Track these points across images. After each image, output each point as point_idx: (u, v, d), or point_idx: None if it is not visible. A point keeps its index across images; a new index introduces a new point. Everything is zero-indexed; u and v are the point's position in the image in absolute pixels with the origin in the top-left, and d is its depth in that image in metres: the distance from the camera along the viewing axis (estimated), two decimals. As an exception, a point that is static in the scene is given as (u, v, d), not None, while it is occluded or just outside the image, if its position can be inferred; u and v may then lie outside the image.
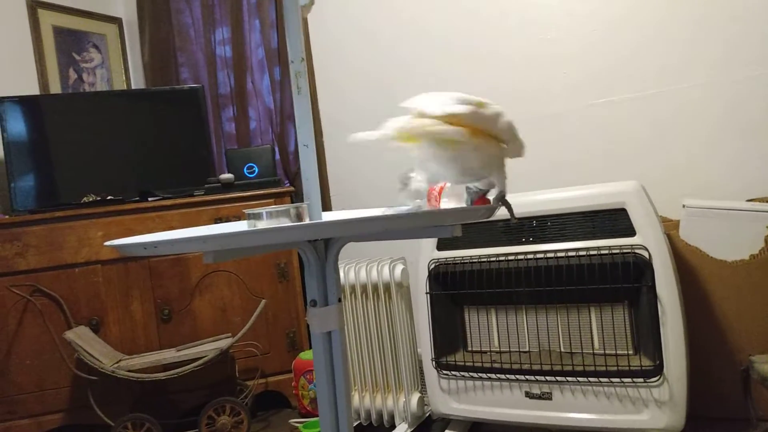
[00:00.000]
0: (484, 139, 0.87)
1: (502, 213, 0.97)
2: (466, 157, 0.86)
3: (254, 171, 2.49)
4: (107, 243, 0.79)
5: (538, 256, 1.66)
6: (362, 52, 2.48)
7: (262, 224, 0.86)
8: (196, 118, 2.60)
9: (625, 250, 1.55)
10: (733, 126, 1.85)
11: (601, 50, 2.03)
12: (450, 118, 0.83)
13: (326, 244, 0.97)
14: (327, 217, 1.02)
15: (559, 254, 1.63)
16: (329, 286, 0.97)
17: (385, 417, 1.96)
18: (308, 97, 0.94)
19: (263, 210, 0.87)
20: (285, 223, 0.86)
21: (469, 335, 1.84)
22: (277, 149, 2.77)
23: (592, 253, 1.59)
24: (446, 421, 1.90)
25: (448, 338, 1.83)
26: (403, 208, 0.89)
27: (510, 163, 0.92)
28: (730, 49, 1.85)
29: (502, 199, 0.93)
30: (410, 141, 0.86)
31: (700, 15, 1.88)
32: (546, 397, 1.65)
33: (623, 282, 1.54)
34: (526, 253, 1.68)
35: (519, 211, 1.72)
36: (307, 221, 0.89)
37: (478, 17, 2.22)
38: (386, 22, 2.41)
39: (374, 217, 0.76)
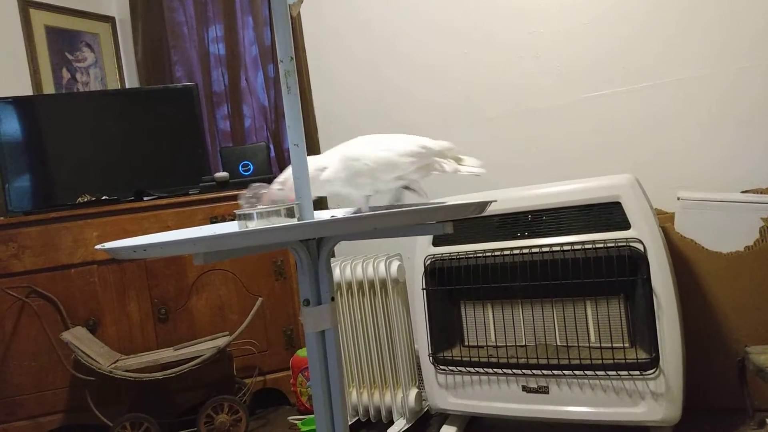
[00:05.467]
0: None
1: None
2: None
3: (249, 169, 2.49)
4: (98, 246, 0.79)
5: (534, 250, 1.66)
6: (358, 47, 2.47)
7: (252, 225, 0.85)
8: (190, 117, 2.59)
9: (620, 244, 1.55)
10: (726, 118, 1.85)
11: (594, 43, 2.02)
12: None
13: (318, 243, 0.97)
14: (319, 216, 1.01)
15: (555, 248, 1.63)
16: (322, 285, 0.97)
17: (383, 413, 1.97)
18: (298, 97, 0.93)
19: (254, 210, 0.86)
20: (276, 223, 0.85)
21: (465, 330, 1.84)
22: (272, 146, 2.76)
23: (587, 246, 1.59)
24: (444, 416, 1.91)
25: (445, 333, 1.83)
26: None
27: (504, 158, 0.92)
28: (723, 41, 1.84)
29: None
30: None
31: (693, 7, 1.87)
32: (543, 390, 1.65)
33: (619, 275, 1.54)
34: (521, 248, 1.68)
35: (514, 205, 1.72)
36: (298, 221, 0.89)
37: (470, 15, 2.22)
38: (382, 14, 2.41)
39: (364, 215, 0.76)
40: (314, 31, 2.56)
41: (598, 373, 1.57)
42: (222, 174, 2.37)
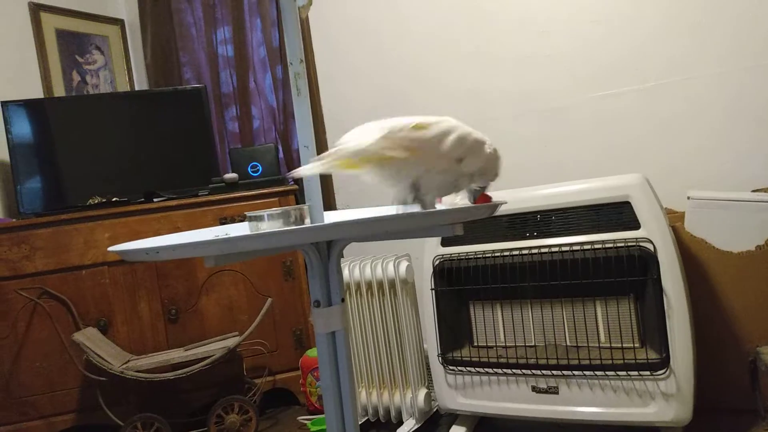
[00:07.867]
0: (425, 155, 0.86)
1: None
2: (406, 172, 0.86)
3: (258, 170, 2.49)
4: (110, 249, 0.80)
5: (543, 250, 1.66)
6: (364, 48, 2.48)
7: (263, 227, 0.86)
8: (199, 118, 2.60)
9: (630, 243, 1.54)
10: (737, 117, 1.84)
11: (604, 43, 2.02)
12: (383, 149, 0.84)
13: (329, 245, 0.97)
14: (329, 218, 1.02)
15: (564, 248, 1.63)
16: (332, 286, 0.97)
17: (393, 413, 1.97)
18: (308, 99, 0.94)
19: (265, 212, 0.87)
20: (287, 225, 0.86)
21: (474, 330, 1.84)
22: (280, 147, 2.77)
23: (596, 246, 1.58)
24: (453, 416, 1.91)
25: (454, 334, 1.83)
26: (409, 208, 0.88)
27: (514, 158, 0.92)
28: (734, 41, 1.83)
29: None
30: (351, 168, 0.85)
31: (705, 6, 1.86)
32: (553, 391, 1.65)
33: (629, 275, 1.53)
34: (530, 248, 1.68)
35: (523, 205, 1.71)
36: (308, 223, 0.89)
37: (479, 13, 2.21)
38: (388, 18, 2.41)
39: (375, 218, 0.76)
40: (322, 33, 2.56)
41: (608, 373, 1.56)
42: (231, 175, 2.38)
